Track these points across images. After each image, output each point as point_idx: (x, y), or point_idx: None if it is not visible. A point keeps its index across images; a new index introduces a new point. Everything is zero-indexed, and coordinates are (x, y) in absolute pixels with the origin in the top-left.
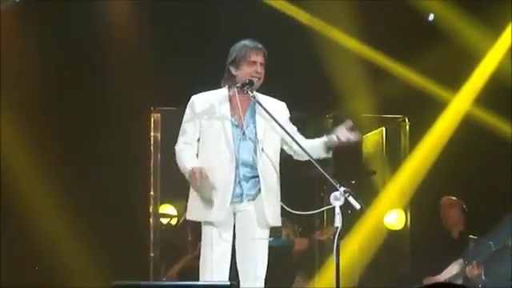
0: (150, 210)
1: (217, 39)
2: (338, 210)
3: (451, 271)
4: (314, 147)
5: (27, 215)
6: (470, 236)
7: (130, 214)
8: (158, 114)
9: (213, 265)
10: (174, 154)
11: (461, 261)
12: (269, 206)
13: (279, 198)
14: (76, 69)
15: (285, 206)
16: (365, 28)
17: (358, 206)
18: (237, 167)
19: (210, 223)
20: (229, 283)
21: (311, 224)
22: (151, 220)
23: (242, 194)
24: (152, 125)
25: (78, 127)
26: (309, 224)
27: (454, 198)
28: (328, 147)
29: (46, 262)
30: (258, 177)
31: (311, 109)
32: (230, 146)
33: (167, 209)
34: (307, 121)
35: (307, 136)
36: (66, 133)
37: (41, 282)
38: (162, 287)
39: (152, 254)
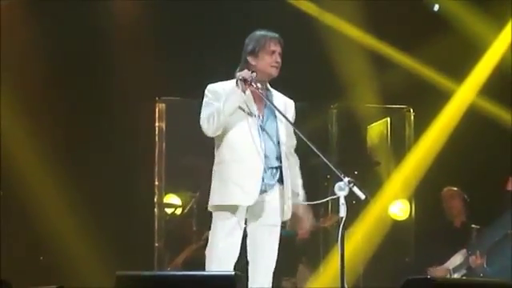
0: (155, 200)
1: (222, 30)
2: (342, 200)
3: (455, 261)
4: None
5: (30, 206)
6: (473, 226)
7: (135, 203)
8: (163, 104)
9: (221, 254)
10: (180, 143)
11: (464, 251)
12: (287, 198)
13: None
14: (80, 59)
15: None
16: (370, 18)
17: (362, 196)
18: (265, 157)
19: (226, 212)
20: (233, 273)
21: (316, 212)
22: (156, 210)
23: (263, 185)
24: (157, 115)
25: (83, 117)
26: (313, 213)
27: (455, 188)
28: (296, 193)
29: (49, 253)
30: (276, 168)
31: (316, 99)
32: (255, 135)
33: (172, 199)
34: (312, 111)
35: (312, 126)
36: (70, 123)
37: (44, 273)
38: (166, 277)
39: (156, 244)
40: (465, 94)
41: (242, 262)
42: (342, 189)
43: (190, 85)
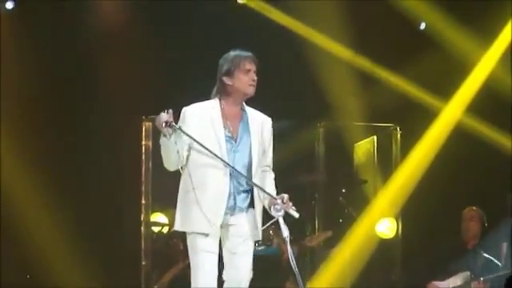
0: (142, 219)
1: (208, 48)
2: (281, 220)
3: (455, 281)
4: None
5: (16, 222)
6: (483, 253)
7: (122, 222)
8: (150, 123)
9: (205, 274)
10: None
11: (467, 274)
12: (259, 220)
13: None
14: (67, 77)
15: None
16: (356, 36)
17: (296, 215)
18: (231, 179)
19: (200, 234)
20: None
21: (303, 232)
22: (142, 228)
23: (234, 207)
24: (143, 133)
25: (70, 136)
26: (300, 232)
27: (475, 208)
28: (269, 206)
29: (36, 270)
30: (249, 190)
31: (303, 117)
32: (224, 158)
33: (158, 217)
34: (299, 129)
35: (299, 144)
36: (57, 141)
37: None
38: None
39: (143, 263)
40: (452, 111)
41: (219, 281)
42: (278, 210)
43: (177, 104)
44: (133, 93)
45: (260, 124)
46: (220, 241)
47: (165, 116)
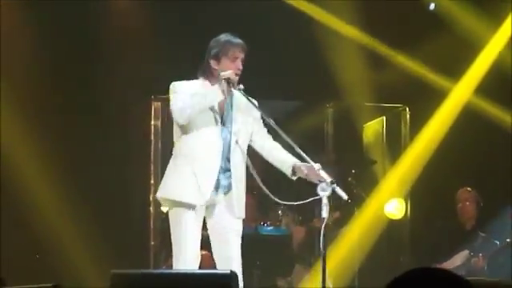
0: (150, 199)
1: (218, 28)
2: (325, 200)
3: (455, 261)
4: (283, 161)
5: (25, 204)
6: (480, 233)
7: (131, 202)
8: (159, 103)
9: (187, 248)
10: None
11: (466, 252)
12: (238, 198)
13: (244, 190)
14: (75, 58)
15: (273, 197)
16: (365, 17)
17: (345, 197)
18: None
19: (184, 208)
20: (229, 271)
21: (311, 212)
22: (151, 208)
23: (218, 185)
24: (152, 113)
25: (78, 117)
26: (308, 213)
27: (470, 189)
28: (294, 172)
29: (45, 251)
30: (230, 170)
31: (311, 98)
32: (217, 135)
33: None
34: (307, 110)
35: (308, 125)
36: (66, 123)
37: (40, 271)
38: (161, 275)
39: (152, 243)
40: (461, 92)
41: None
42: (324, 189)
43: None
44: (142, 73)
45: (245, 104)
46: (206, 221)
47: (233, 74)
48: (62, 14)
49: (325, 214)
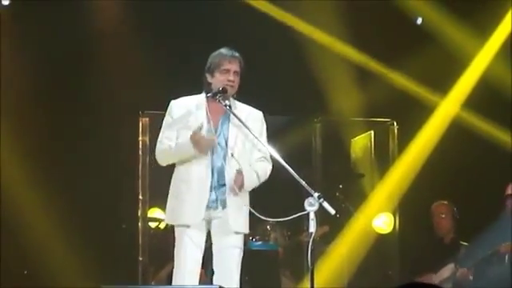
0: (139, 214)
1: (205, 42)
2: (312, 215)
3: (442, 274)
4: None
5: (14, 218)
6: (462, 243)
7: (119, 217)
8: (147, 118)
9: (186, 270)
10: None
11: (452, 265)
12: (234, 213)
13: (247, 205)
14: (64, 72)
15: (255, 212)
16: (353, 31)
17: (332, 212)
18: (212, 174)
19: (184, 227)
20: (217, 286)
21: (299, 227)
22: (140, 224)
23: (216, 200)
24: (140, 129)
25: (67, 131)
26: (297, 227)
27: (445, 202)
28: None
29: (33, 266)
30: (224, 185)
31: (299, 112)
32: (209, 153)
33: (156, 213)
34: (295, 124)
35: (296, 140)
36: (54, 136)
37: (29, 286)
38: None
39: (141, 258)
40: (449, 106)
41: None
42: (311, 204)
43: (174, 99)
44: (130, 88)
45: (244, 117)
46: (210, 235)
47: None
48: (47, 29)
49: (312, 228)
